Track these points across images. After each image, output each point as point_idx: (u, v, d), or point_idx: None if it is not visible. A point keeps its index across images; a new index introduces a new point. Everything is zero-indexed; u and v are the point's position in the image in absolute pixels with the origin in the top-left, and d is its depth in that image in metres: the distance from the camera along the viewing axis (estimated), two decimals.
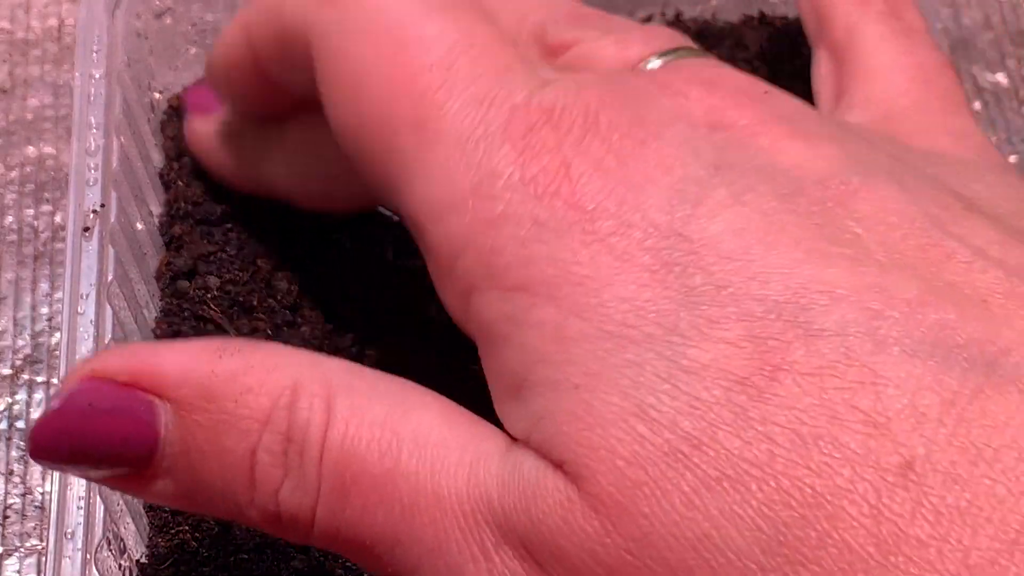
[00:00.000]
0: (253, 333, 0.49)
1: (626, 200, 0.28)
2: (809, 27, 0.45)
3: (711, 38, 0.57)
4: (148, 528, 0.45)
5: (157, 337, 0.49)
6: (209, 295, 0.50)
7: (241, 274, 0.51)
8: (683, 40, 0.36)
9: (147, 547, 0.45)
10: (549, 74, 0.31)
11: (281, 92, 0.40)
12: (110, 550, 0.42)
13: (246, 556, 0.44)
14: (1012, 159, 0.61)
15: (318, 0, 0.33)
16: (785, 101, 0.33)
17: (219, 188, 0.53)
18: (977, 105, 0.62)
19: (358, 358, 0.48)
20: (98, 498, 0.42)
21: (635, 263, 0.27)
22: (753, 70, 0.56)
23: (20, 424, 0.54)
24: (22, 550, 0.51)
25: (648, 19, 0.58)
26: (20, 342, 0.56)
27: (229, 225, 0.52)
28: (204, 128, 0.48)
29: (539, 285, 0.28)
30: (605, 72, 0.33)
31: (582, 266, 0.27)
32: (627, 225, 0.27)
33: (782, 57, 0.56)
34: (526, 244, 0.28)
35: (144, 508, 0.45)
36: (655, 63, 0.34)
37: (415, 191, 0.31)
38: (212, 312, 0.49)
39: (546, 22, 0.35)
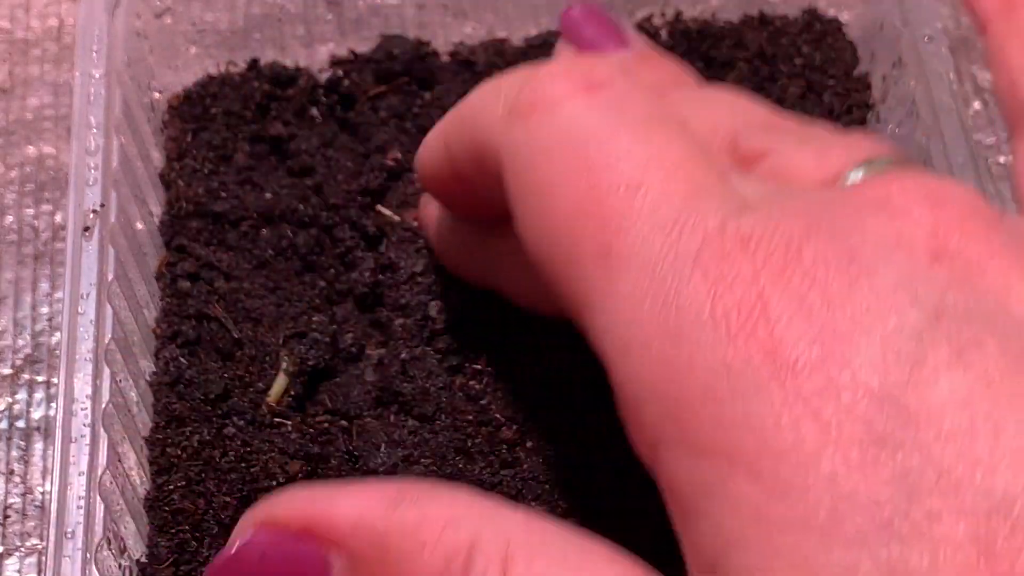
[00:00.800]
0: (255, 332, 0.49)
1: (833, 353, 0.24)
2: (1005, 109, 0.39)
3: (711, 38, 0.57)
4: (148, 528, 0.45)
5: (157, 336, 0.49)
6: (214, 295, 0.50)
7: (242, 274, 0.51)
8: (886, 147, 0.32)
9: (147, 547, 0.45)
10: (746, 189, 0.29)
11: (483, 199, 0.38)
12: (110, 550, 0.42)
13: None
14: (1012, 159, 0.61)
15: (508, 115, 0.32)
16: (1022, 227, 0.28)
17: (219, 188, 0.53)
18: (977, 105, 0.63)
19: (356, 358, 0.48)
20: (98, 498, 0.42)
21: (844, 435, 0.24)
22: (753, 70, 0.56)
23: (20, 424, 0.54)
24: (22, 549, 0.51)
25: (648, 19, 0.58)
26: (20, 342, 0.56)
27: (230, 225, 0.52)
28: (430, 211, 0.47)
29: (735, 452, 0.24)
30: (806, 189, 0.30)
31: (784, 434, 0.24)
32: (834, 385, 0.24)
33: (782, 57, 0.56)
34: (718, 399, 0.25)
35: (144, 507, 0.45)
36: (857, 174, 0.31)
37: (600, 321, 0.28)
38: (215, 311, 0.49)
39: (739, 130, 0.33)
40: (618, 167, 0.29)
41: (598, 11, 0.41)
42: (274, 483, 0.45)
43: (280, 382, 0.47)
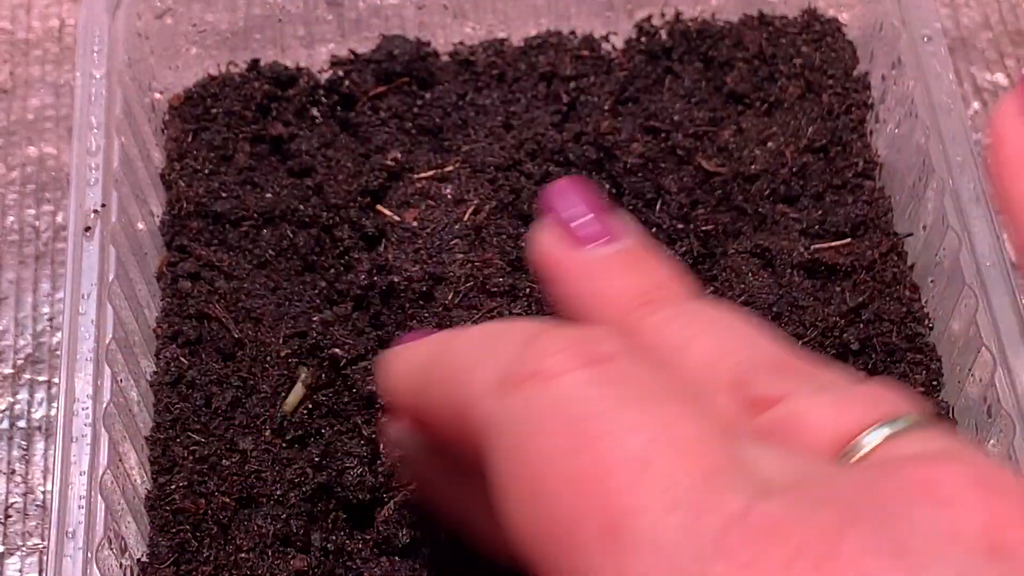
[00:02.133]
0: (255, 332, 0.49)
1: None
2: None
3: (711, 38, 0.57)
4: (149, 527, 0.45)
5: (158, 336, 0.50)
6: (214, 295, 0.50)
7: (242, 274, 0.51)
8: (907, 402, 0.30)
9: (148, 546, 0.45)
10: (768, 465, 0.27)
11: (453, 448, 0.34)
12: (111, 549, 0.43)
13: (246, 555, 0.44)
14: None
15: (500, 385, 0.29)
16: None
17: (220, 188, 0.53)
18: (976, 105, 0.63)
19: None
20: (99, 497, 0.42)
21: None
22: (753, 70, 0.56)
23: (21, 423, 0.54)
24: (24, 549, 0.51)
25: (648, 19, 0.58)
26: (21, 342, 0.56)
27: (230, 225, 0.52)
28: (397, 434, 0.42)
29: None
30: (836, 465, 0.28)
31: None
32: None
33: (781, 57, 0.57)
34: None
35: (145, 507, 0.45)
36: (879, 434, 0.29)
37: None
38: (216, 310, 0.49)
39: (748, 367, 0.31)
40: (624, 443, 0.26)
41: (587, 193, 0.37)
42: (275, 483, 0.45)
43: (297, 392, 0.47)
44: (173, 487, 0.45)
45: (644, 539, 0.25)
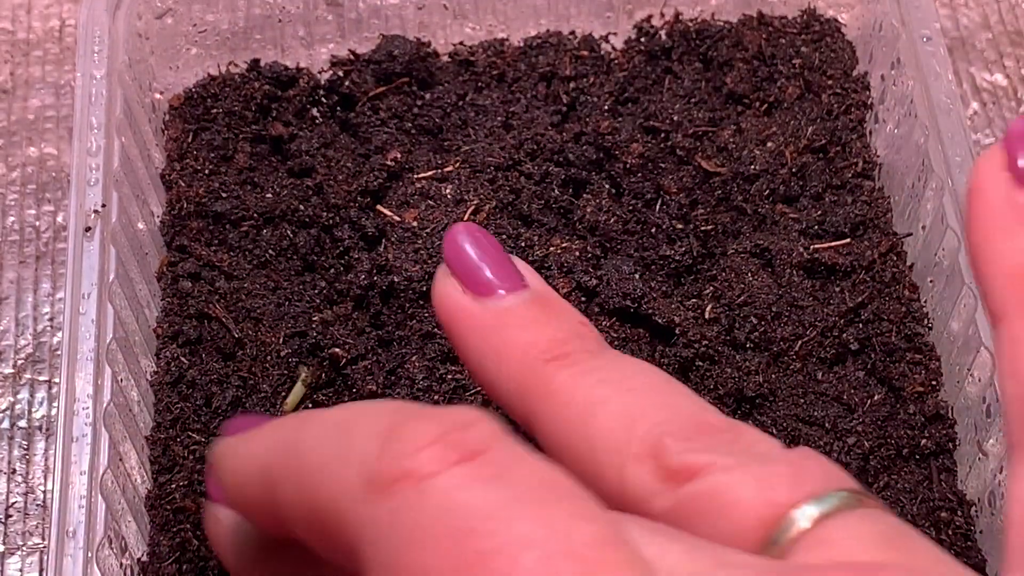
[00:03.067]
0: (256, 331, 0.49)
1: None
2: (1012, 418, 0.34)
3: (710, 38, 0.57)
4: (149, 527, 0.45)
5: (158, 336, 0.50)
6: (215, 295, 0.50)
7: (243, 274, 0.51)
8: (839, 475, 0.29)
9: (148, 545, 0.45)
10: (674, 561, 0.25)
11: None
12: (111, 548, 0.43)
13: None
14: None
15: (366, 489, 0.26)
16: None
17: (220, 189, 0.53)
18: (975, 105, 0.63)
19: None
20: (100, 497, 0.42)
21: None
22: (752, 70, 0.56)
23: (22, 423, 0.54)
24: (24, 548, 0.51)
25: (648, 19, 0.58)
26: (22, 341, 0.56)
27: (231, 225, 0.52)
28: (225, 521, 0.38)
29: None
30: (752, 558, 0.27)
31: None
32: None
33: (781, 57, 0.57)
34: None
35: (146, 507, 0.46)
36: (810, 514, 0.27)
37: None
38: (216, 310, 0.49)
39: (666, 431, 0.29)
40: (519, 562, 0.24)
41: (485, 241, 0.35)
42: None
43: (297, 392, 0.47)
44: (173, 486, 0.45)
45: None
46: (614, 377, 0.31)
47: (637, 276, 0.49)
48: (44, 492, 0.52)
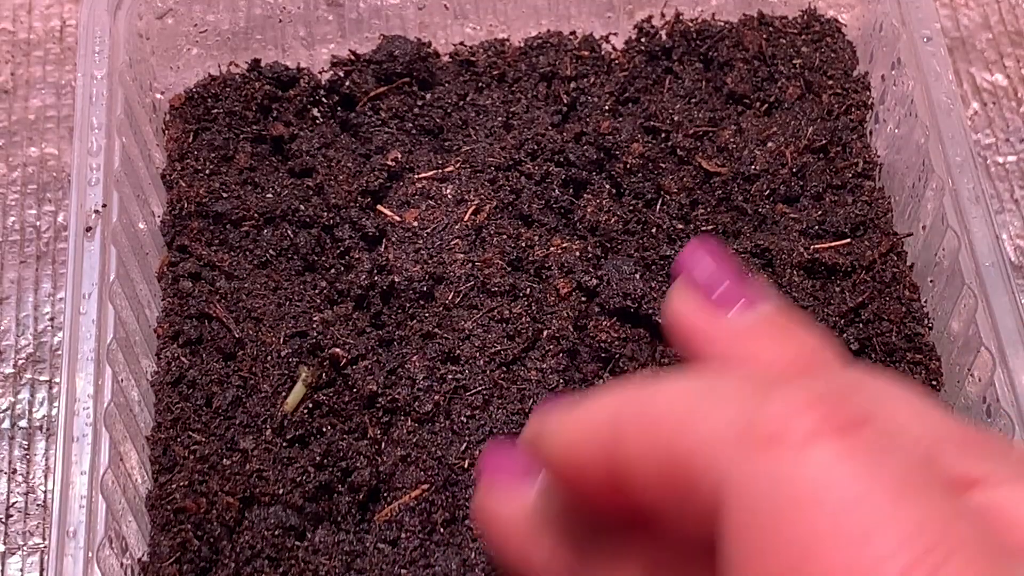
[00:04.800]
0: (256, 331, 0.49)
1: None
2: None
3: (711, 39, 0.57)
4: (150, 526, 0.45)
5: (159, 336, 0.50)
6: (215, 295, 0.50)
7: (243, 274, 0.51)
8: None
9: (149, 545, 0.45)
10: None
11: (637, 508, 0.33)
12: (112, 548, 0.43)
13: (247, 554, 0.44)
14: (1011, 159, 0.61)
15: (740, 443, 0.27)
16: None
17: (221, 189, 0.53)
18: (976, 105, 0.63)
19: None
20: (100, 497, 0.42)
21: None
22: (752, 71, 0.56)
23: (23, 423, 0.54)
24: (25, 548, 0.51)
25: (648, 19, 0.58)
26: (23, 341, 0.56)
27: (231, 225, 0.52)
28: (510, 508, 0.38)
29: None
30: None
31: None
32: None
33: (781, 57, 0.57)
34: None
35: (146, 507, 0.46)
36: None
37: None
38: (216, 310, 0.49)
39: (934, 441, 0.30)
40: (906, 549, 0.25)
41: (722, 255, 0.35)
42: (276, 482, 0.45)
43: (297, 392, 0.47)
44: (174, 486, 0.45)
45: None
46: (866, 391, 0.31)
47: (637, 276, 0.49)
48: (45, 492, 0.52)
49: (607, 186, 0.53)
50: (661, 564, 0.32)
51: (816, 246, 0.51)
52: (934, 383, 0.49)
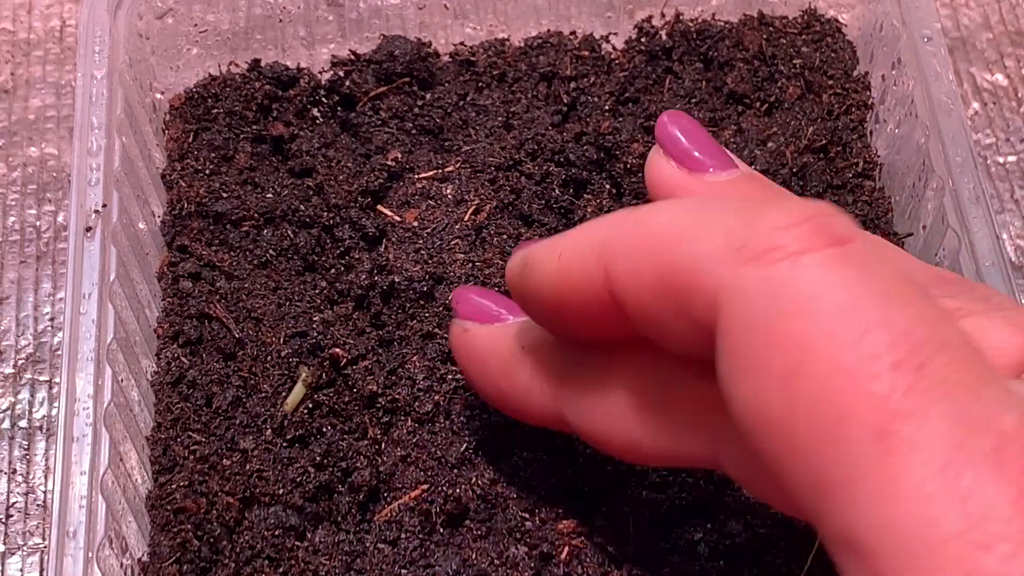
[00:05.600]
0: (256, 332, 0.49)
1: None
2: None
3: (711, 38, 0.57)
4: (150, 527, 0.45)
5: (159, 336, 0.50)
6: (215, 295, 0.50)
7: (243, 274, 0.51)
8: None
9: (149, 546, 0.45)
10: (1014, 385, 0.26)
11: (630, 328, 0.33)
12: (112, 549, 0.43)
13: (247, 554, 0.44)
14: (1012, 159, 0.61)
15: (735, 256, 0.28)
16: None
17: (221, 189, 0.53)
18: (976, 105, 0.63)
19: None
20: (100, 497, 0.42)
21: None
22: (753, 71, 0.56)
23: (23, 423, 0.54)
24: (25, 548, 0.51)
25: (648, 19, 0.58)
26: (23, 341, 0.56)
27: (231, 225, 0.52)
28: (491, 340, 0.40)
29: None
30: None
31: None
32: None
33: (781, 57, 0.57)
34: None
35: (146, 507, 0.46)
36: None
37: (871, 511, 0.25)
38: (216, 310, 0.49)
39: (914, 278, 0.30)
40: (899, 345, 0.25)
41: (698, 125, 0.37)
42: (276, 483, 0.45)
43: (297, 392, 0.47)
44: (174, 487, 0.45)
45: (918, 447, 0.25)
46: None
47: None
48: (44, 492, 0.52)
49: (607, 186, 0.53)
50: (647, 382, 0.34)
51: None
52: None
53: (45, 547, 0.51)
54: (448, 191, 0.51)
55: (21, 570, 0.51)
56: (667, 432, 0.34)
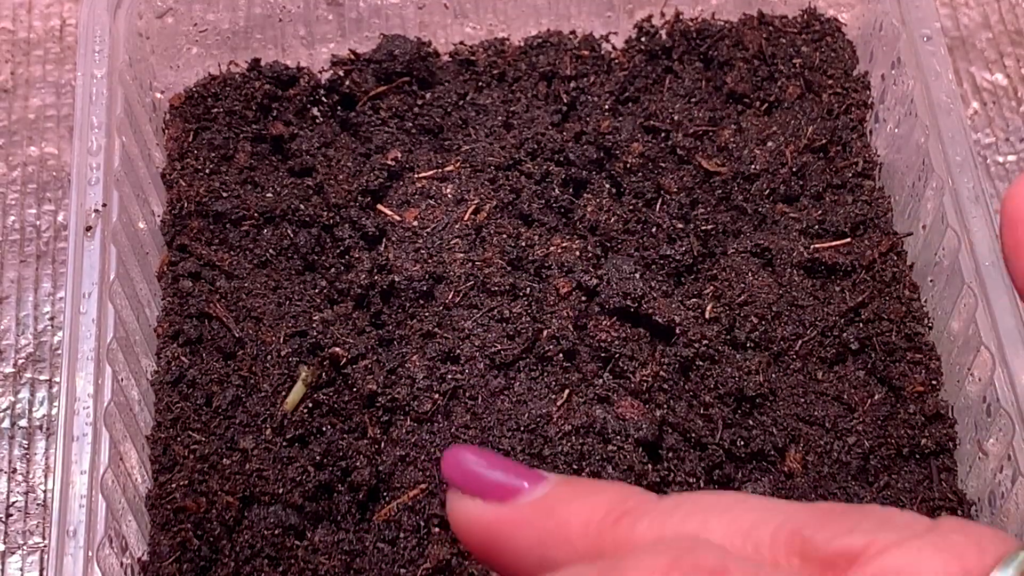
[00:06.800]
0: (256, 331, 0.49)
1: None
2: None
3: (711, 38, 0.57)
4: (150, 526, 0.45)
5: (158, 336, 0.50)
6: (215, 294, 0.50)
7: (243, 273, 0.51)
8: (1006, 536, 0.28)
9: (149, 544, 0.45)
10: None
11: None
12: (112, 548, 0.43)
13: (247, 553, 0.44)
14: (1011, 159, 0.61)
15: None
16: None
17: (221, 188, 0.53)
18: (975, 105, 0.63)
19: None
20: (100, 496, 0.42)
21: None
22: (752, 70, 0.56)
23: (23, 422, 0.54)
24: (25, 547, 0.51)
25: (648, 19, 0.58)
26: (23, 341, 0.56)
27: (231, 225, 0.52)
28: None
29: None
30: None
31: None
32: None
33: (781, 57, 0.57)
34: None
35: (146, 506, 0.46)
36: (1005, 574, 0.27)
37: None
38: (216, 310, 0.49)
39: (793, 528, 0.28)
40: None
41: (488, 452, 0.34)
42: (276, 482, 0.45)
43: (297, 391, 0.47)
44: (174, 486, 0.45)
45: None
46: (698, 507, 0.30)
47: (638, 275, 0.49)
48: (45, 491, 0.52)
49: (607, 185, 0.53)
50: None
51: (816, 245, 0.51)
52: (934, 382, 0.49)
53: (45, 546, 0.51)
54: (448, 190, 0.51)
55: (21, 569, 0.51)
56: None
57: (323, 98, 0.56)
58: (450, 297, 0.48)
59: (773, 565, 0.28)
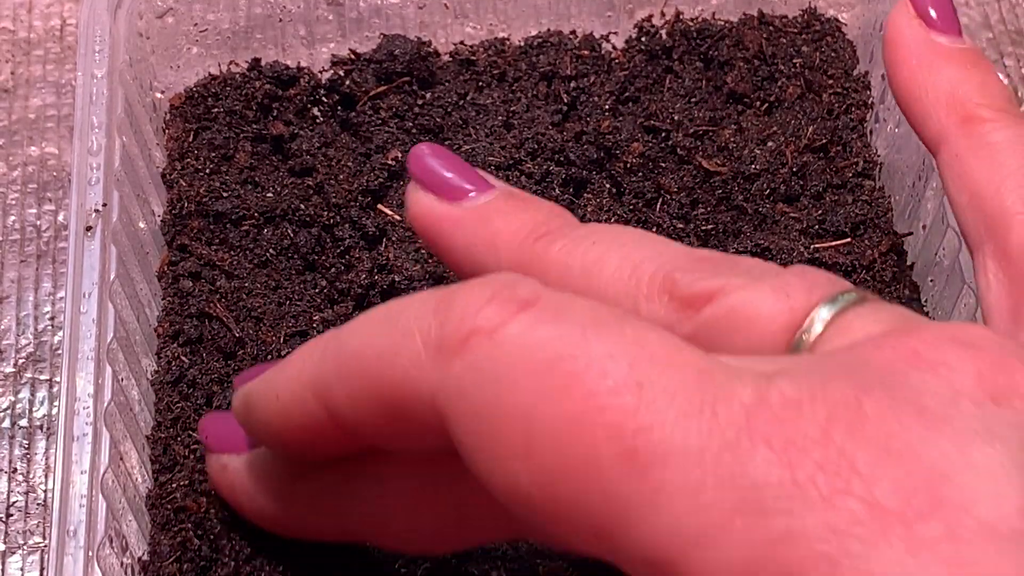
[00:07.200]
0: (256, 331, 0.49)
1: (943, 498, 0.23)
2: (967, 225, 0.38)
3: (711, 38, 0.57)
4: (150, 526, 0.45)
5: (159, 335, 0.50)
6: (215, 294, 0.50)
7: (243, 273, 0.51)
8: (841, 281, 0.31)
9: (149, 545, 0.45)
10: (744, 362, 0.27)
11: (357, 446, 0.34)
12: (112, 548, 0.43)
13: (247, 554, 0.44)
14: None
15: (436, 354, 0.28)
16: None
17: (221, 188, 0.53)
18: None
19: None
20: (100, 496, 0.42)
21: (979, 573, 0.23)
22: (753, 70, 0.56)
23: (23, 422, 0.54)
24: (25, 548, 0.51)
25: (648, 19, 0.58)
26: (23, 341, 0.56)
27: (231, 224, 0.52)
28: (233, 466, 0.42)
29: None
30: (822, 353, 0.29)
31: None
32: (955, 526, 0.23)
33: (781, 57, 0.57)
34: (834, 562, 0.23)
35: (146, 506, 0.46)
36: (828, 312, 0.29)
37: (650, 525, 0.25)
38: (217, 310, 0.49)
39: (672, 268, 0.32)
40: (609, 372, 0.26)
41: (451, 155, 0.38)
42: None
43: None
44: (174, 486, 0.45)
45: (668, 450, 0.25)
46: (604, 239, 0.34)
47: None
48: (45, 491, 0.52)
49: (607, 185, 0.53)
50: (396, 484, 0.35)
51: (816, 245, 0.51)
52: None
53: (45, 546, 0.51)
54: None
55: (21, 569, 0.51)
56: (456, 523, 0.35)
57: (323, 98, 0.56)
58: None
59: (647, 298, 0.31)
